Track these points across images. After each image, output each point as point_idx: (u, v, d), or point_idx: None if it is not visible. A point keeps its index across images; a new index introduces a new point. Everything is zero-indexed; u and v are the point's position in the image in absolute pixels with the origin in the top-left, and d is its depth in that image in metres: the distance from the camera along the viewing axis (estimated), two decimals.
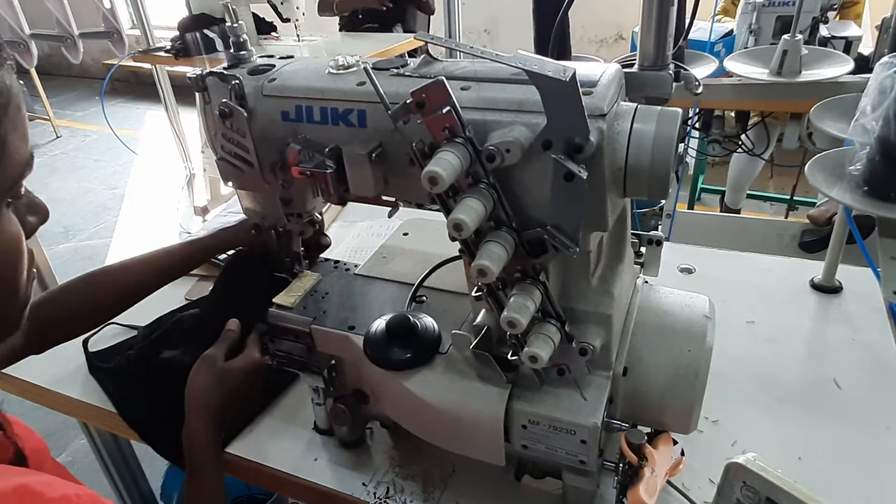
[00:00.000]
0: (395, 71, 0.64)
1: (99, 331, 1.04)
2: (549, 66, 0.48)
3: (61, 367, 1.00)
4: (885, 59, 0.77)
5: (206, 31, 2.35)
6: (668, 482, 0.71)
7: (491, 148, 0.52)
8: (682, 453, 0.68)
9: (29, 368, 0.93)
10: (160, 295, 0.91)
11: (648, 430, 0.67)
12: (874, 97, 0.77)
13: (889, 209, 0.80)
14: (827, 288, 1.07)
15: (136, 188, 3.96)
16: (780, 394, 0.88)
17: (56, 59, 6.10)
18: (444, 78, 0.51)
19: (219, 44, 2.41)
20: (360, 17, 2.92)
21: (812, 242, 2.03)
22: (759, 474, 0.60)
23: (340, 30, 3.08)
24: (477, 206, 0.52)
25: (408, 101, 0.52)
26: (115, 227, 3.51)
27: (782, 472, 0.60)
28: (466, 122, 0.52)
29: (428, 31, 3.09)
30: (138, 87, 5.69)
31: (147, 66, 3.37)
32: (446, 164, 0.50)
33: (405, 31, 2.94)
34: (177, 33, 2.53)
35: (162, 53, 2.64)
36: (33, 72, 4.63)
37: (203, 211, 3.19)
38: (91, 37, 1.45)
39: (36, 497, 0.41)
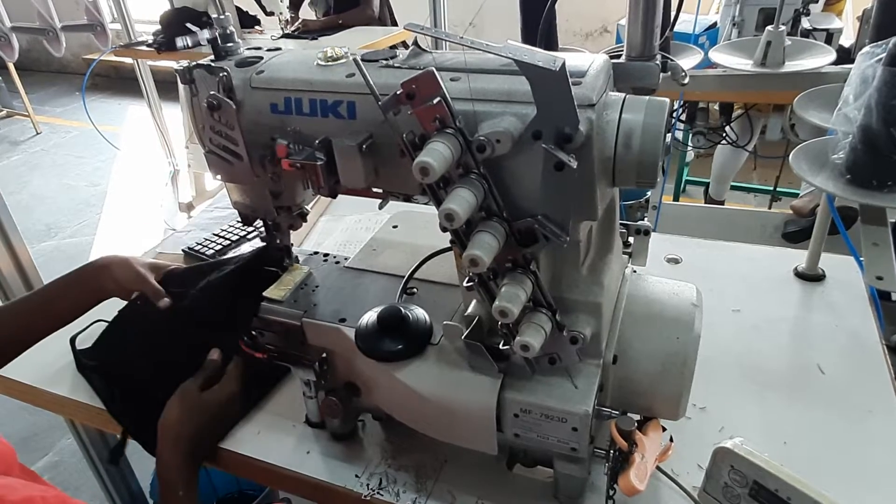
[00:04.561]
0: (385, 62, 0.64)
1: (87, 328, 1.03)
2: (539, 56, 0.48)
3: (49, 365, 0.99)
4: (866, 48, 0.78)
5: (188, 25, 2.33)
6: (658, 468, 0.72)
7: (481, 138, 0.52)
8: (671, 439, 0.70)
9: (16, 367, 0.92)
10: None
11: (638, 417, 0.68)
12: (856, 86, 0.78)
13: (871, 197, 0.81)
14: (810, 276, 1.08)
15: (119, 185, 3.91)
16: (765, 380, 0.89)
17: (35, 55, 6.00)
18: (434, 68, 0.51)
19: (202, 37, 2.38)
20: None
21: (795, 233, 2.07)
22: (746, 458, 0.62)
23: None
24: (468, 196, 0.52)
25: (398, 92, 0.52)
26: (98, 224, 3.47)
27: (768, 456, 0.62)
28: (457, 113, 0.52)
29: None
30: (119, 82, 5.61)
31: (128, 60, 3.33)
32: (437, 154, 0.50)
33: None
34: (159, 27, 2.50)
35: (144, 48, 2.61)
36: (12, 68, 4.55)
37: (188, 207, 3.17)
38: (73, 30, 1.43)
39: None
